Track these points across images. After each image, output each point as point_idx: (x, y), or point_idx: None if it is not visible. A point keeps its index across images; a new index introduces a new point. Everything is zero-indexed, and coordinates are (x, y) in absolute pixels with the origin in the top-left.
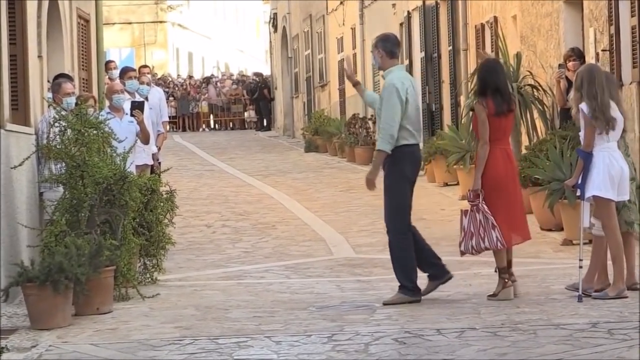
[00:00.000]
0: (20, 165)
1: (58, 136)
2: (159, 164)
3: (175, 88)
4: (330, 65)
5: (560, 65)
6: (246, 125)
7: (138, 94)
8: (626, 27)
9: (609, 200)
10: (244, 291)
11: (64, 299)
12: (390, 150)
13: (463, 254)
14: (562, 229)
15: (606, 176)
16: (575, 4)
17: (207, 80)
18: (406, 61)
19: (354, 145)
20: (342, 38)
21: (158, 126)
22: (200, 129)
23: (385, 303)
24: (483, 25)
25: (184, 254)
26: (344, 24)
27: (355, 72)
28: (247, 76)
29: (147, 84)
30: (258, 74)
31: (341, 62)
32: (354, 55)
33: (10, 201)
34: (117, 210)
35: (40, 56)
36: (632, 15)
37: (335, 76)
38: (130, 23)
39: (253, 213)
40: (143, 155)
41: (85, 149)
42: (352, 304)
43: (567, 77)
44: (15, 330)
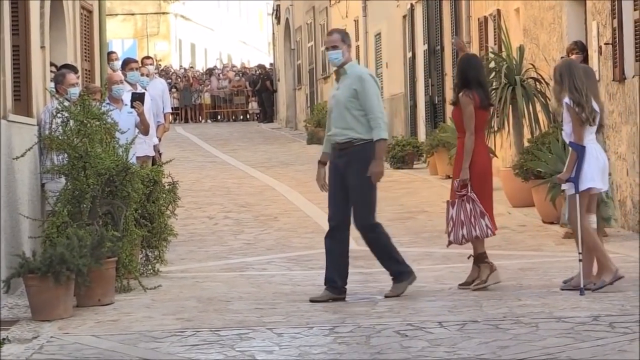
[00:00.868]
0: (22, 156)
1: (60, 127)
2: (160, 155)
3: (178, 79)
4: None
5: (563, 58)
6: (248, 117)
7: (140, 85)
8: (629, 21)
9: (597, 192)
10: (246, 283)
11: (66, 290)
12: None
13: (451, 244)
14: None
15: (596, 168)
16: None
17: (210, 71)
18: (409, 54)
19: None
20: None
21: (158, 117)
22: (203, 121)
23: (387, 296)
24: (486, 18)
25: (186, 245)
26: (347, 16)
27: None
28: (250, 68)
29: (147, 75)
30: (261, 66)
31: None
32: (357, 47)
33: (12, 192)
34: (119, 201)
35: (43, 47)
36: (635, 9)
37: None
38: (133, 14)
39: (255, 205)
40: (144, 147)
41: (88, 140)
42: (354, 296)
43: None
44: (16, 321)
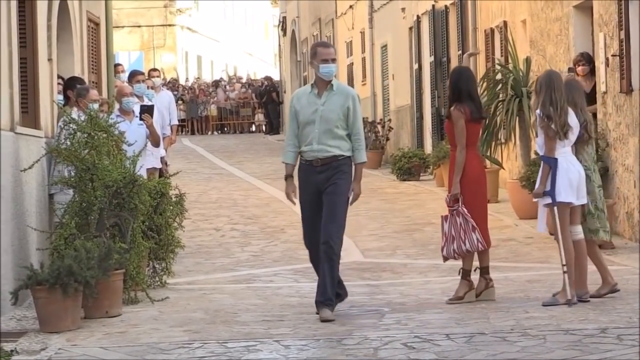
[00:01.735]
0: (29, 168)
1: (68, 139)
2: (167, 166)
3: (185, 91)
4: (339, 69)
5: (570, 70)
6: (255, 129)
7: (146, 97)
8: (636, 32)
9: (568, 204)
10: (253, 295)
11: (74, 302)
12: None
13: (446, 259)
14: None
15: (565, 181)
16: (585, 8)
17: (216, 83)
18: (415, 65)
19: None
20: (351, 42)
21: (164, 129)
22: (209, 132)
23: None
24: (493, 30)
25: (193, 257)
26: (353, 28)
27: (364, 77)
28: (256, 80)
29: (151, 88)
30: (268, 78)
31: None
32: (363, 59)
33: (20, 204)
34: (127, 213)
35: (50, 59)
36: None
37: (345, 80)
38: (139, 26)
39: (262, 217)
40: (151, 159)
41: (95, 152)
42: (361, 308)
43: None
44: (24, 333)
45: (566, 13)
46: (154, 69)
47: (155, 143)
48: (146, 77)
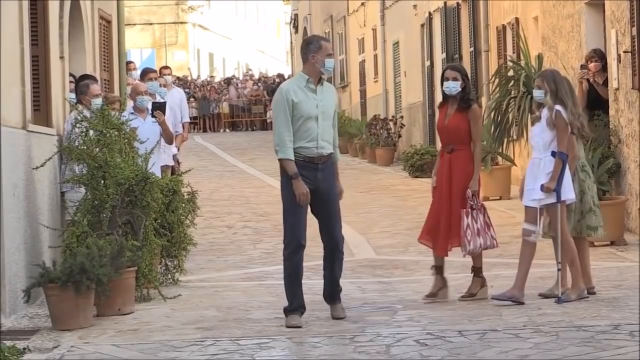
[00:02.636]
0: (42, 166)
1: (80, 137)
2: (179, 164)
3: (196, 89)
4: (351, 66)
5: (583, 66)
6: (267, 126)
7: (159, 95)
8: None
9: (571, 202)
10: (266, 292)
11: (86, 299)
12: None
13: (468, 253)
14: None
15: (568, 178)
16: (597, 5)
17: (228, 81)
18: (427, 62)
19: (375, 146)
20: (363, 39)
21: (176, 127)
22: (221, 130)
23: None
24: (504, 27)
25: (205, 255)
26: (365, 25)
27: (376, 74)
28: (269, 77)
29: (163, 85)
30: (280, 75)
31: (362, 64)
32: (375, 56)
33: (32, 202)
34: (139, 211)
35: (62, 57)
36: None
37: (356, 77)
38: (151, 24)
39: (274, 214)
40: (164, 156)
41: (107, 149)
42: (374, 305)
43: (588, 79)
44: (37, 330)
45: (578, 10)
46: (165, 67)
47: (169, 140)
48: (158, 75)
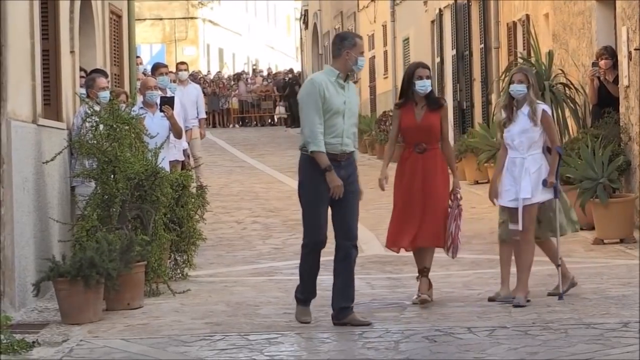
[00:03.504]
0: (52, 160)
1: (90, 131)
2: (195, 159)
3: (206, 84)
4: None
5: (594, 64)
6: (276, 122)
7: (169, 90)
8: None
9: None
10: (275, 288)
11: (95, 294)
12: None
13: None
14: (593, 228)
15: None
16: (608, 2)
17: (238, 76)
18: (437, 59)
19: (385, 142)
20: (373, 35)
21: (187, 122)
22: (230, 125)
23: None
24: (515, 23)
25: (215, 250)
26: (375, 22)
27: (386, 70)
28: (278, 72)
29: (178, 81)
30: (290, 71)
31: (372, 60)
32: (385, 53)
33: (42, 196)
34: (149, 205)
35: (72, 51)
36: None
37: (366, 73)
38: (161, 19)
39: (283, 210)
40: (174, 151)
41: (117, 144)
42: (383, 301)
43: (599, 76)
44: (46, 324)
45: (589, 6)
46: (182, 62)
47: (177, 135)
48: (168, 70)
